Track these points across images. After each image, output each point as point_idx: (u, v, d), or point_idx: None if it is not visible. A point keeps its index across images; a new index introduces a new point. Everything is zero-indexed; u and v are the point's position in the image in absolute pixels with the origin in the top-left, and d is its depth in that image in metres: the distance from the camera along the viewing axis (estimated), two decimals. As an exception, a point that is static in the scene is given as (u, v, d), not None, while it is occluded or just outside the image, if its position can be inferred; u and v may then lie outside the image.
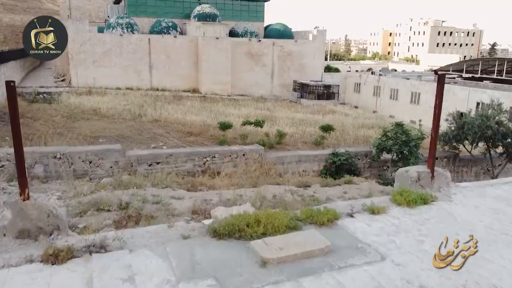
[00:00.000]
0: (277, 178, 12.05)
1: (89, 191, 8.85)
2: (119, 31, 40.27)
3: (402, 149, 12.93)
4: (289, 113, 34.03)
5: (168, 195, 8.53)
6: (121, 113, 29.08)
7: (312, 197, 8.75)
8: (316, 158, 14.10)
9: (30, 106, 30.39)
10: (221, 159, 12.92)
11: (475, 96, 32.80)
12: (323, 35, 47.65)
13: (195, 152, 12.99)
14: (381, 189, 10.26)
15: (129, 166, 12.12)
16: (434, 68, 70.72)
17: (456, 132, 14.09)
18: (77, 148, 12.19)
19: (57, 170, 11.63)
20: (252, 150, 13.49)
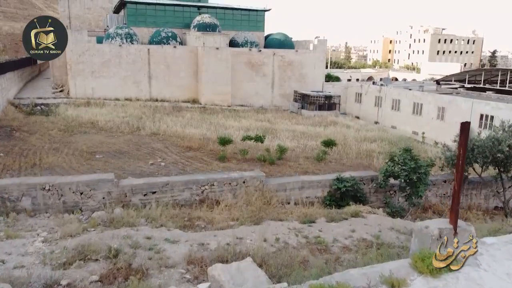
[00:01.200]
0: (280, 208, 11.45)
1: (77, 231, 8.28)
2: (118, 42, 39.91)
3: (411, 176, 12.39)
4: (290, 125, 33.53)
5: (162, 237, 7.92)
6: (119, 126, 28.59)
7: (317, 239, 8.15)
8: (320, 184, 13.53)
9: (27, 118, 29.94)
10: (220, 187, 12.34)
11: (479, 108, 32.32)
12: (323, 45, 47.32)
13: (193, 181, 12.39)
14: (390, 225, 9.66)
15: (122, 197, 11.53)
16: (435, 77, 70.38)
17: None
18: (67, 178, 11.61)
19: (46, 202, 11.05)
20: (252, 177, 12.89)
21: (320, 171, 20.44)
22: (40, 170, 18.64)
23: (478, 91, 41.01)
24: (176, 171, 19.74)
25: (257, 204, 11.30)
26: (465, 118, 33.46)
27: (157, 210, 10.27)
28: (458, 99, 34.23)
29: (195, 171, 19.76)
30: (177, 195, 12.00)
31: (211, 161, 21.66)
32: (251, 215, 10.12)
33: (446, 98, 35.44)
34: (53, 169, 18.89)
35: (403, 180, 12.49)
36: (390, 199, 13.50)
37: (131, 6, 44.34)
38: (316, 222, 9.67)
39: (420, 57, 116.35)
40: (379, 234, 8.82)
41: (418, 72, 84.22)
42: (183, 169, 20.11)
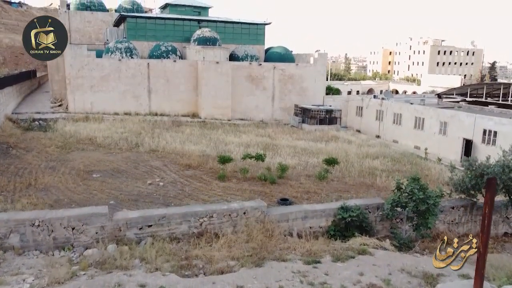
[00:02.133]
0: (282, 242, 10.92)
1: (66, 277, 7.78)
2: (118, 56, 39.72)
3: (419, 207, 11.90)
4: (290, 140, 33.13)
5: (157, 285, 7.41)
6: (117, 142, 28.19)
7: (324, 285, 7.63)
8: (324, 214, 13.02)
9: (24, 134, 29.54)
10: (219, 219, 11.82)
11: (482, 123, 31.95)
12: (324, 59, 47.19)
13: (191, 213, 11.89)
14: (400, 265, 9.11)
15: (116, 231, 11.01)
16: (435, 89, 70.24)
17: (474, 182, 13.11)
18: (58, 212, 11.11)
19: (36, 239, 10.53)
20: (253, 208, 12.37)
21: (322, 191, 20.00)
22: (35, 191, 18.20)
23: (480, 105, 40.69)
24: (174, 191, 19.31)
25: (258, 239, 10.78)
26: (468, 133, 33.12)
27: (152, 250, 9.73)
28: (461, 114, 33.86)
29: (194, 191, 19.34)
30: (174, 228, 11.49)
31: (210, 180, 21.21)
32: (252, 253, 9.60)
33: (448, 112, 35.10)
34: (48, 190, 18.45)
35: (411, 210, 12.00)
36: (397, 229, 12.99)
37: (131, 20, 44.30)
38: (321, 262, 9.13)
39: (420, 69, 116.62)
40: (389, 279, 8.29)
41: (418, 84, 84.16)
42: (182, 189, 19.67)
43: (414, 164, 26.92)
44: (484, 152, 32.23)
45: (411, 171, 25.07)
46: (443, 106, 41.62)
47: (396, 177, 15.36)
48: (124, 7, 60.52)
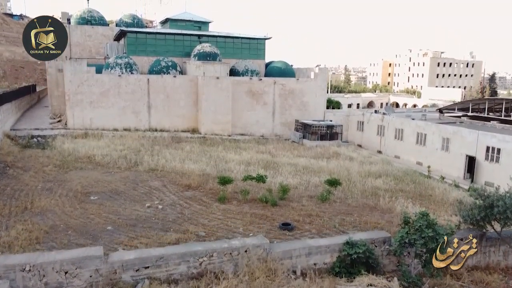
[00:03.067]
0: (286, 284, 10.48)
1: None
2: (117, 71, 39.57)
3: (429, 245, 11.48)
4: (291, 157, 32.75)
5: None
6: (116, 161, 27.80)
7: None
8: (329, 249, 12.60)
9: (22, 152, 29.16)
10: (220, 258, 11.38)
11: (485, 140, 31.59)
12: (324, 73, 47.07)
13: (190, 253, 11.45)
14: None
15: (112, 274, 10.58)
16: (436, 102, 70.08)
17: (483, 214, 12.71)
18: (50, 256, 10.68)
19: (26, 285, 10.09)
20: (255, 246, 11.92)
21: (324, 214, 19.56)
22: (31, 215, 17.78)
23: (482, 120, 40.38)
24: (173, 214, 18.89)
25: (261, 281, 10.35)
26: (471, 150, 32.74)
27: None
28: (463, 130, 33.52)
29: (193, 215, 18.91)
30: (172, 269, 11.04)
31: (210, 202, 20.80)
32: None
33: (451, 128, 34.78)
34: (44, 214, 18.03)
35: (419, 247, 11.58)
36: (404, 266, 12.53)
37: (131, 35, 44.29)
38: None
39: (420, 80, 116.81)
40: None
41: (418, 96, 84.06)
42: (181, 212, 19.25)
43: (417, 183, 26.50)
44: (488, 169, 31.92)
45: (415, 191, 24.71)
46: (444, 121, 41.30)
47: (403, 212, 14.96)
48: (124, 21, 60.79)
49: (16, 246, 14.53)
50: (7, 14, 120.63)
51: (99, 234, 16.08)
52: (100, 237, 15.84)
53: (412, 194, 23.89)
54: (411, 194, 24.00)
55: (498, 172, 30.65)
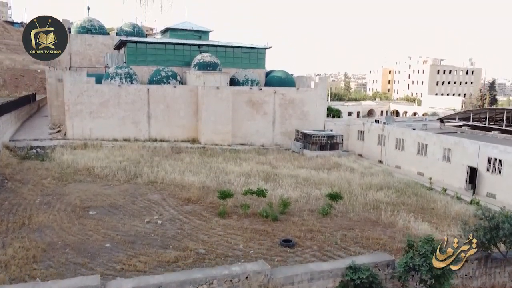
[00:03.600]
0: None
1: None
2: (117, 82, 39.48)
3: (434, 271, 11.24)
4: (292, 168, 32.54)
5: None
6: (115, 173, 27.59)
7: None
8: (331, 274, 12.36)
9: (21, 164, 28.98)
10: (220, 285, 11.14)
11: (486, 151, 31.39)
12: (324, 83, 47.01)
13: (189, 280, 11.21)
14: None
15: None
16: (436, 110, 70.01)
17: (489, 236, 12.48)
18: (46, 285, 10.47)
19: None
20: (256, 272, 11.70)
21: (326, 229, 19.35)
22: (29, 231, 17.57)
23: (483, 130, 40.23)
24: (173, 230, 18.67)
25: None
26: (472, 160, 32.53)
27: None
28: (465, 141, 33.33)
29: (193, 230, 18.69)
30: (171, 297, 10.82)
31: (210, 216, 20.58)
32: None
33: (452, 139, 34.59)
34: (42, 230, 17.81)
35: (424, 274, 11.33)
36: (409, 291, 12.30)
37: (131, 45, 44.27)
38: None
39: (420, 88, 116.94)
40: None
41: (419, 104, 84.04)
42: (181, 227, 19.03)
43: (419, 195, 26.27)
44: (490, 180, 31.68)
45: (417, 204, 24.49)
46: (445, 131, 41.14)
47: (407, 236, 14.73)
48: (124, 30, 60.89)
49: (12, 265, 14.32)
50: (7, 22, 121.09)
51: (97, 252, 15.85)
52: (98, 255, 15.62)
53: (414, 207, 23.66)
54: (413, 207, 23.77)
55: (500, 184, 30.44)
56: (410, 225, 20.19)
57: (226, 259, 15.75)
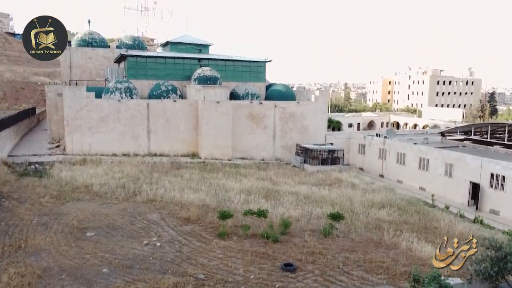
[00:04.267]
0: None
1: None
2: (117, 96, 39.36)
3: None
4: (293, 184, 32.24)
5: None
6: (114, 190, 27.28)
7: None
8: None
9: (19, 181, 28.72)
10: None
11: (489, 167, 31.09)
12: (325, 96, 46.93)
13: None
14: None
15: None
16: (437, 122, 69.83)
17: (496, 268, 12.13)
18: None
19: None
20: None
21: (327, 252, 18.96)
22: (25, 255, 17.22)
23: (484, 144, 39.96)
24: (172, 253, 18.30)
25: None
26: (474, 176, 32.21)
27: None
28: (467, 156, 33.04)
29: (192, 253, 18.33)
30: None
31: (210, 238, 20.21)
32: None
33: (454, 154, 34.31)
34: (38, 254, 17.46)
35: None
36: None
37: (131, 59, 44.28)
38: None
39: (420, 98, 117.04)
40: None
41: (419, 115, 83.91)
42: (180, 250, 18.66)
43: (421, 213, 25.91)
44: (493, 197, 31.33)
45: (419, 223, 24.12)
46: (447, 145, 40.88)
47: (413, 268, 14.41)
48: (125, 43, 60.96)
49: (7, 294, 13.97)
50: (9, 33, 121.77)
51: (94, 278, 15.49)
52: (95, 282, 15.25)
53: (416, 227, 23.29)
54: (416, 226, 23.40)
55: (503, 200, 30.09)
56: (413, 247, 19.80)
57: (226, 285, 15.40)
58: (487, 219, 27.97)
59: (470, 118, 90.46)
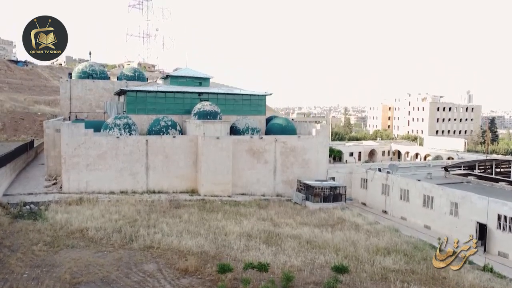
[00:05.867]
0: None
1: None
2: (116, 132, 38.92)
3: None
4: (294, 225, 31.35)
5: None
6: (110, 235, 26.39)
7: None
8: None
9: (12, 225, 27.84)
10: None
11: (496, 208, 30.30)
12: (326, 130, 46.51)
13: None
14: None
15: None
16: (439, 152, 69.30)
17: None
18: None
19: None
20: None
21: (332, 310, 18.01)
22: (12, 319, 16.27)
23: (489, 181, 39.27)
24: (168, 314, 17.33)
25: None
26: (481, 216, 31.33)
27: None
28: (472, 196, 32.26)
29: (190, 313, 17.38)
30: None
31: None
32: None
33: (459, 193, 33.53)
34: (27, 317, 16.51)
35: None
36: None
37: (131, 94, 44.11)
38: None
39: (420, 125, 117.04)
40: None
41: (420, 143, 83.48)
42: (177, 309, 17.70)
43: (429, 260, 24.88)
44: (501, 239, 30.37)
45: (427, 273, 23.14)
46: (451, 181, 40.20)
47: None
48: (125, 74, 61.20)
49: None
50: (11, 60, 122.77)
51: None
52: None
53: (424, 277, 22.33)
54: (424, 277, 22.43)
55: (512, 243, 29.20)
56: (423, 304, 18.86)
57: None
58: (496, 263, 27.04)
59: (472, 145, 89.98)
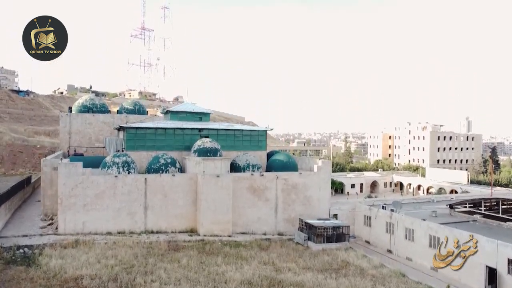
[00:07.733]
0: None
1: None
2: (114, 171, 38.26)
3: None
4: (297, 270, 30.23)
5: None
6: (106, 285, 25.26)
7: None
8: None
9: (4, 272, 26.76)
10: None
11: (505, 252, 29.29)
12: (327, 166, 45.86)
13: None
14: None
15: None
16: (442, 184, 68.41)
17: None
18: None
19: None
20: None
21: None
22: None
23: (496, 219, 38.33)
24: None
25: None
26: (491, 260, 30.24)
27: None
28: (481, 238, 31.24)
29: None
30: None
31: None
32: None
33: (467, 235, 32.54)
34: None
35: None
36: None
37: (130, 130, 43.74)
38: None
39: (421, 154, 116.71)
40: None
41: (422, 174, 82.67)
42: None
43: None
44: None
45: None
46: (456, 219, 39.26)
47: None
48: (126, 108, 61.17)
49: None
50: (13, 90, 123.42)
51: None
52: None
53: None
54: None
55: (524, 289, 28.05)
56: None
57: None
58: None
59: (474, 174, 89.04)
